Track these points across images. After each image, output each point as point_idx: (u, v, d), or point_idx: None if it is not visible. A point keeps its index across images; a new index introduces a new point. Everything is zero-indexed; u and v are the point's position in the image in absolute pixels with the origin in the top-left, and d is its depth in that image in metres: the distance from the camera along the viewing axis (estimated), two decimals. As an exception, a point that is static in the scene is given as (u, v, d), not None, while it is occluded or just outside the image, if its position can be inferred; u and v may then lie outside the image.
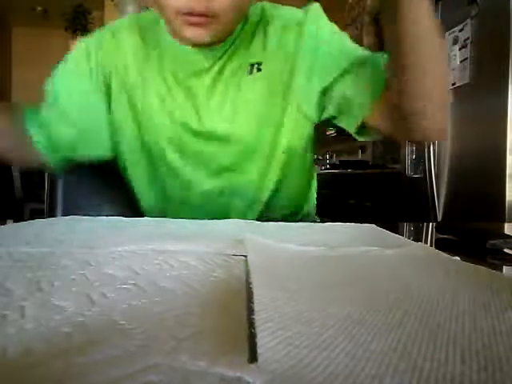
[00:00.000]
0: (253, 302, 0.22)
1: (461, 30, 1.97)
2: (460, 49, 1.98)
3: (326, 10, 0.68)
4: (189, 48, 0.67)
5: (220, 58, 0.68)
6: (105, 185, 0.88)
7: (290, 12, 0.70)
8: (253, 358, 0.16)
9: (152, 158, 0.72)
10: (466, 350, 0.17)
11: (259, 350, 0.16)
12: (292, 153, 0.72)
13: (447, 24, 2.07)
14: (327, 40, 0.66)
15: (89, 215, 0.67)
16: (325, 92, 0.66)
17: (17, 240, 0.43)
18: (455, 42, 2.01)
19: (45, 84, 0.71)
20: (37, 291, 0.25)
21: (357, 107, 0.64)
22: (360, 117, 0.64)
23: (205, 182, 0.72)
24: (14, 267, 0.32)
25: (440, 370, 0.15)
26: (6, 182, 2.60)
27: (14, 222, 0.60)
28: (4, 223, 0.57)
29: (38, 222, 0.57)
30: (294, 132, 0.70)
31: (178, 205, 0.75)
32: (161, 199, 0.75)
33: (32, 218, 0.67)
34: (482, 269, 0.30)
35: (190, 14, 0.58)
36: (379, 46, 3.16)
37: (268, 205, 0.73)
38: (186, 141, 0.70)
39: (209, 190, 0.72)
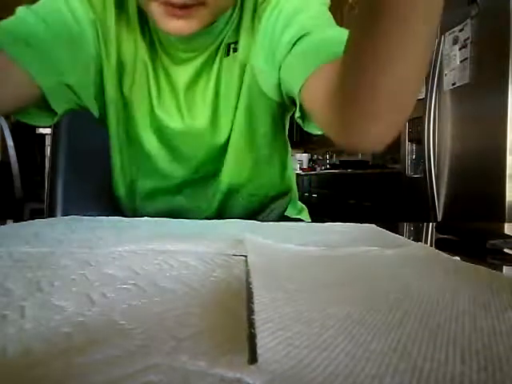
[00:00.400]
0: (253, 303, 0.22)
1: (461, 30, 1.97)
2: (460, 49, 1.98)
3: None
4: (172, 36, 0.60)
5: (205, 49, 0.62)
6: (105, 185, 0.88)
7: None
8: (253, 358, 0.16)
9: (131, 140, 0.69)
10: (466, 350, 0.17)
11: (259, 351, 0.16)
12: (252, 131, 0.67)
13: (447, 24, 2.07)
14: (287, 13, 0.58)
15: (89, 215, 0.68)
16: (279, 72, 0.59)
17: (17, 240, 0.43)
18: (455, 41, 2.01)
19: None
20: (37, 291, 0.25)
21: (294, 84, 0.54)
22: (296, 95, 0.54)
23: (181, 175, 0.70)
24: (13, 267, 0.32)
25: (440, 370, 0.15)
26: (5, 181, 2.60)
27: (13, 221, 0.60)
28: (4, 223, 0.57)
29: (38, 222, 0.57)
30: (251, 107, 0.65)
31: (150, 192, 0.74)
32: (134, 186, 0.74)
33: (32, 217, 0.67)
34: (482, 269, 0.30)
35: (171, 4, 0.49)
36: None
37: (236, 190, 0.72)
38: (164, 131, 0.67)
39: (183, 182, 0.71)
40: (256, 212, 0.76)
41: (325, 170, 4.27)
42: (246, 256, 0.36)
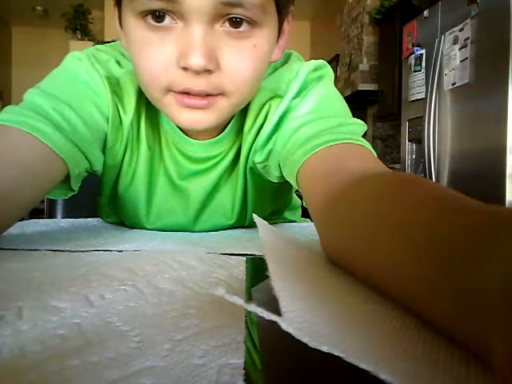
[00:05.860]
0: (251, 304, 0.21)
1: (461, 30, 1.96)
2: (460, 49, 1.98)
3: (325, 10, 0.59)
4: (186, 137, 0.52)
5: (224, 156, 0.55)
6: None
7: (278, 79, 0.52)
8: (249, 360, 0.16)
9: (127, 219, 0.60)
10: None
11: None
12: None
13: (447, 24, 2.07)
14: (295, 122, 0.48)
15: (89, 216, 0.67)
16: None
17: (17, 240, 0.43)
18: (455, 41, 2.01)
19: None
20: (35, 292, 0.25)
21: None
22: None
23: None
24: (13, 267, 0.32)
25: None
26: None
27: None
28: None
29: (39, 223, 0.57)
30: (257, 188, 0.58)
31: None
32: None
33: (32, 217, 0.66)
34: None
35: (186, 93, 0.42)
36: (379, 45, 3.16)
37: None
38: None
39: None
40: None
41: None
42: (245, 256, 0.36)
